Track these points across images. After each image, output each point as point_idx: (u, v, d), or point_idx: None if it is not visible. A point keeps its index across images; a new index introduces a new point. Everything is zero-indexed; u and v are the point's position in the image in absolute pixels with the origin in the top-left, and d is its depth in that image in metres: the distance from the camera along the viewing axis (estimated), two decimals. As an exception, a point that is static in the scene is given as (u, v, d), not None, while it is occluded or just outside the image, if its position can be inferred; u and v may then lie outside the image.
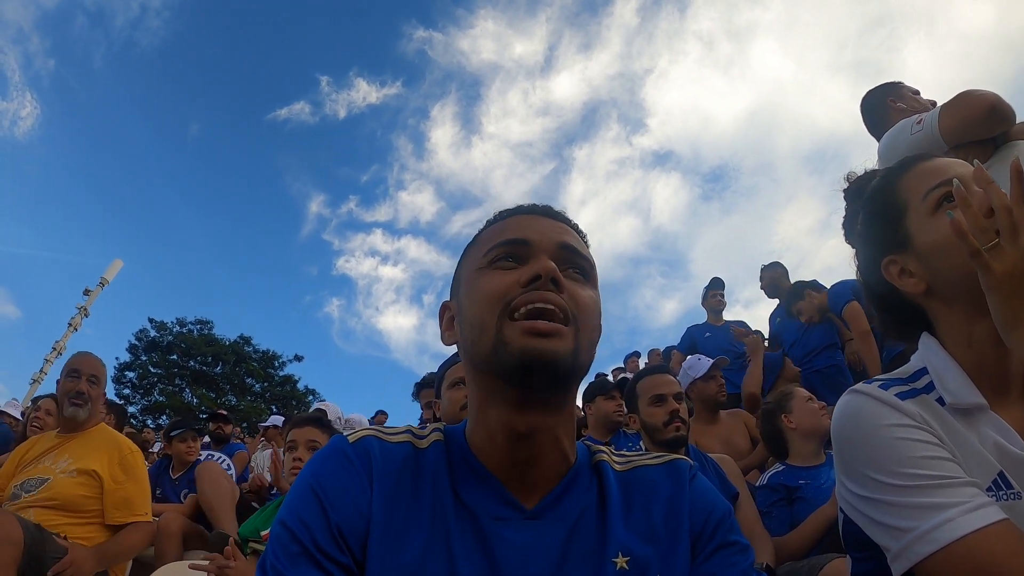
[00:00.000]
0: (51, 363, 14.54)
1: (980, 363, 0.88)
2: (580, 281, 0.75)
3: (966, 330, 0.89)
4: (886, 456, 0.81)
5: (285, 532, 0.66)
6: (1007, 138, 1.95)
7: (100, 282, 16.02)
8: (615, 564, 0.69)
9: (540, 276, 0.69)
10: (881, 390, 0.87)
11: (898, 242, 0.96)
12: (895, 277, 0.96)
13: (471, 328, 0.73)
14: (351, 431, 0.77)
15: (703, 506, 0.76)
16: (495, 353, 0.68)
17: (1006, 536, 0.72)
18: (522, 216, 0.80)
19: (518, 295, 0.69)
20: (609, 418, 3.41)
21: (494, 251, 0.75)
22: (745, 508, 2.29)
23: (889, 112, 2.35)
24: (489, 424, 0.73)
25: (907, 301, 0.97)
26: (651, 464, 0.81)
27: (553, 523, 0.71)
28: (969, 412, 0.86)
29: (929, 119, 2.00)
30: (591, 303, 0.73)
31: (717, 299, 5.27)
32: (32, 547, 1.93)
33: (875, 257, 1.00)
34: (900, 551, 0.78)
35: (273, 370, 29.50)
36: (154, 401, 26.87)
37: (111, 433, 2.65)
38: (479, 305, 0.72)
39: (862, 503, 0.84)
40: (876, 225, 1.01)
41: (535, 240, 0.75)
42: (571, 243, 0.77)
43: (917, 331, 0.98)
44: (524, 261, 0.73)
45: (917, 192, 0.95)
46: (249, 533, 2.20)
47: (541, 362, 0.66)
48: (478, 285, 0.74)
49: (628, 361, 7.84)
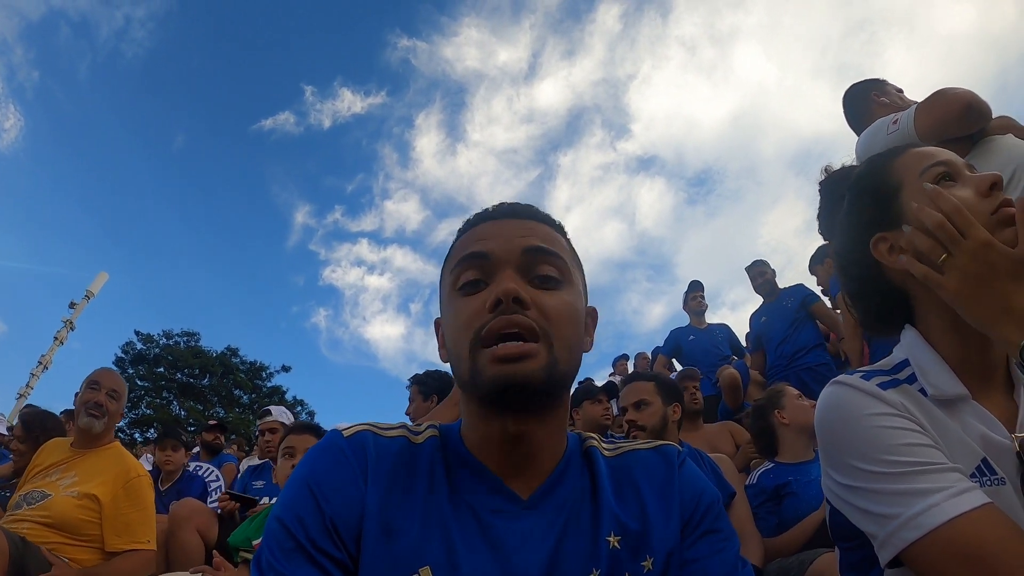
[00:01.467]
0: (37, 377, 14.37)
1: (965, 350, 0.89)
2: (550, 287, 0.73)
3: (953, 314, 0.88)
4: (869, 444, 0.82)
5: (280, 527, 0.66)
6: (984, 133, 1.96)
7: (86, 295, 15.86)
8: (608, 543, 0.71)
9: (500, 301, 0.69)
10: (863, 380, 0.88)
11: (891, 219, 0.95)
12: (884, 255, 0.95)
13: (451, 354, 0.75)
14: (346, 426, 0.77)
15: (692, 492, 0.77)
16: (472, 381, 0.70)
17: (991, 519, 0.73)
18: (485, 225, 0.78)
19: (486, 322, 0.69)
20: (597, 422, 3.48)
21: (457, 270, 0.75)
22: (740, 508, 2.32)
23: (872, 106, 2.34)
24: (486, 430, 0.74)
25: (891, 287, 0.96)
26: (641, 448, 0.82)
27: (549, 511, 0.72)
28: (952, 402, 0.87)
29: (905, 118, 2.01)
30: (563, 309, 0.72)
31: (698, 301, 5.30)
32: (16, 559, 1.90)
33: (862, 237, 0.98)
34: (886, 538, 0.79)
35: (261, 381, 29.24)
36: (141, 414, 26.52)
37: (122, 455, 2.56)
38: (454, 333, 0.73)
39: (847, 492, 0.85)
40: (866, 203, 1.00)
41: (496, 252, 0.73)
42: (536, 244, 0.75)
43: (898, 322, 0.98)
44: (489, 276, 0.73)
45: (913, 170, 0.95)
46: (240, 542, 2.19)
47: (515, 386, 0.67)
48: (451, 312, 0.75)
49: (617, 364, 7.88)
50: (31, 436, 3.07)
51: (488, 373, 0.67)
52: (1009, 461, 0.82)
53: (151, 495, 2.52)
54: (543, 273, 0.73)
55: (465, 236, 0.79)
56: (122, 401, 2.63)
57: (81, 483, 2.37)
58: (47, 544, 2.19)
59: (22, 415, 3.34)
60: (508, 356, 0.67)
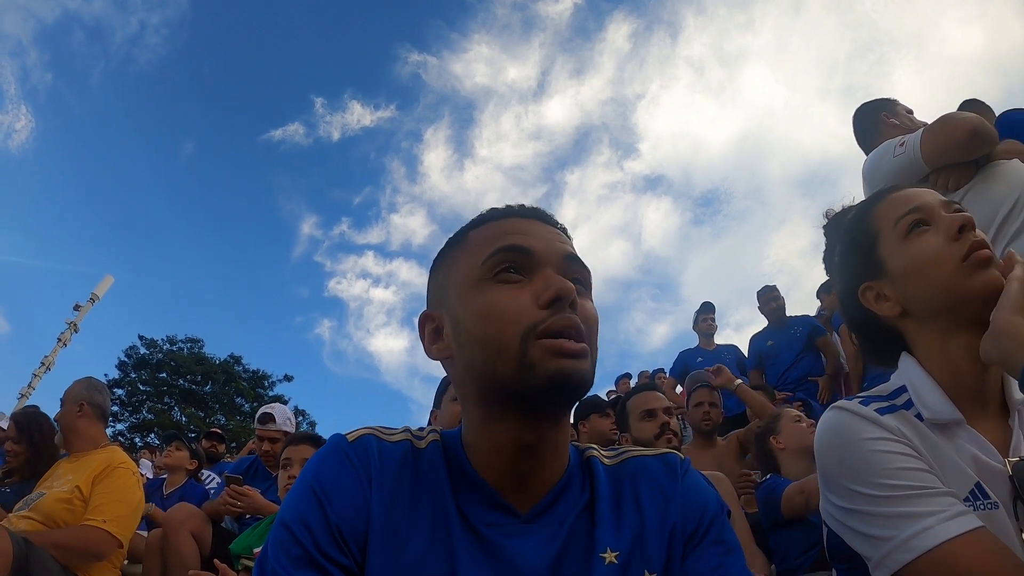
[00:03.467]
0: (39, 378, 14.43)
1: (957, 378, 0.91)
2: (584, 295, 0.73)
3: (941, 347, 0.93)
4: (865, 468, 0.84)
5: (286, 534, 0.65)
6: (990, 158, 1.95)
7: (90, 298, 15.96)
8: (603, 559, 0.69)
9: (561, 298, 0.67)
10: (861, 406, 0.90)
11: (873, 269, 1.00)
12: (872, 302, 1.00)
13: (483, 348, 0.68)
14: (350, 431, 0.75)
15: (695, 503, 0.75)
16: (520, 374, 0.65)
17: (983, 543, 0.75)
18: (517, 220, 0.75)
19: (542, 319, 0.66)
20: (605, 436, 3.41)
21: (493, 258, 0.71)
22: (738, 526, 2.30)
23: (881, 126, 2.32)
24: (495, 438, 0.71)
25: (885, 325, 1.00)
26: (644, 455, 0.80)
27: (547, 526, 0.71)
28: (947, 427, 0.88)
29: (911, 142, 2.01)
30: (596, 317, 0.72)
31: (708, 323, 5.31)
32: (20, 560, 1.91)
33: (852, 285, 1.03)
34: (881, 560, 0.80)
35: (263, 390, 29.24)
36: (143, 419, 26.56)
37: (113, 451, 2.59)
38: (493, 324, 0.68)
39: (844, 515, 0.87)
40: (851, 255, 1.05)
41: (539, 250, 0.71)
42: (573, 253, 0.74)
43: (896, 354, 1.00)
44: (529, 273, 0.70)
45: (888, 220, 0.99)
46: (241, 550, 2.19)
47: (571, 383, 0.65)
48: (486, 301, 0.69)
49: (619, 383, 7.84)
50: (24, 436, 3.08)
51: (548, 365, 0.64)
52: (1002, 485, 0.83)
53: (130, 485, 2.48)
54: (577, 278, 0.72)
55: (493, 226, 0.75)
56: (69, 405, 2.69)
57: (73, 480, 2.43)
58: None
59: (15, 415, 3.30)
60: (571, 351, 0.65)
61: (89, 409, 2.64)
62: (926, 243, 0.93)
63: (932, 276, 0.91)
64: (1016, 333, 0.78)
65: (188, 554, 2.78)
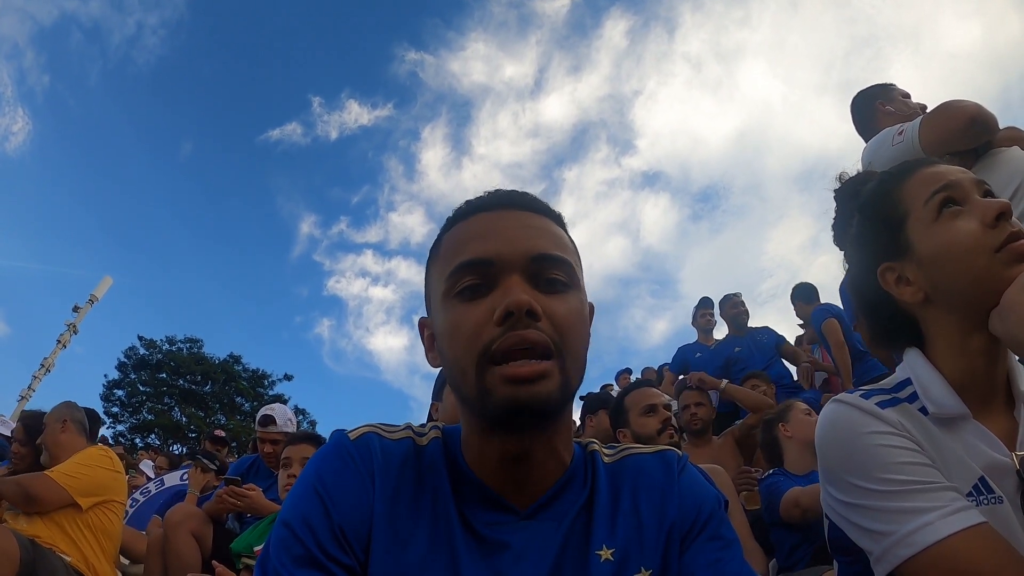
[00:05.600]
0: (39, 380, 14.42)
1: (971, 373, 0.89)
2: (559, 292, 0.68)
3: (960, 340, 0.89)
4: (867, 462, 0.83)
5: (288, 533, 0.65)
6: (990, 146, 1.92)
7: (89, 299, 15.93)
8: (599, 556, 0.69)
9: (513, 313, 0.63)
10: (862, 399, 0.89)
11: (897, 249, 0.94)
12: (891, 285, 0.95)
13: (452, 367, 0.68)
14: (352, 428, 0.75)
15: (693, 498, 0.75)
16: (479, 400, 0.65)
17: (984, 539, 0.74)
18: (481, 217, 0.72)
19: (495, 337, 0.63)
20: (611, 432, 3.41)
21: (455, 276, 0.68)
22: (735, 520, 2.30)
23: (876, 115, 2.31)
24: (484, 446, 0.71)
25: (900, 310, 0.96)
26: (641, 453, 0.80)
27: (546, 523, 0.70)
28: (951, 421, 0.87)
29: (910, 130, 1.98)
30: (574, 317, 0.68)
31: (707, 318, 5.31)
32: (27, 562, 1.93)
33: (870, 264, 0.98)
34: (882, 554, 0.80)
35: (263, 389, 29.14)
36: (143, 420, 26.53)
37: (96, 446, 2.81)
38: (455, 345, 0.67)
39: (845, 508, 0.86)
40: (873, 231, 0.99)
41: (501, 257, 0.67)
42: (543, 251, 0.69)
43: (904, 341, 0.97)
44: (493, 282, 0.67)
45: (918, 198, 0.92)
46: (242, 549, 2.20)
47: (529, 409, 0.63)
48: (449, 320, 0.68)
49: (619, 378, 7.82)
50: (32, 439, 3.09)
51: (500, 394, 0.63)
52: (1009, 479, 0.82)
53: (92, 454, 2.70)
54: (551, 277, 0.68)
55: (459, 230, 0.72)
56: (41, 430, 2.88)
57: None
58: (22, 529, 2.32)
59: (23, 417, 3.31)
60: (523, 377, 0.62)
61: (71, 425, 2.82)
62: (960, 228, 0.87)
63: (963, 264, 0.86)
64: (1022, 309, 0.77)
65: (188, 554, 2.78)
